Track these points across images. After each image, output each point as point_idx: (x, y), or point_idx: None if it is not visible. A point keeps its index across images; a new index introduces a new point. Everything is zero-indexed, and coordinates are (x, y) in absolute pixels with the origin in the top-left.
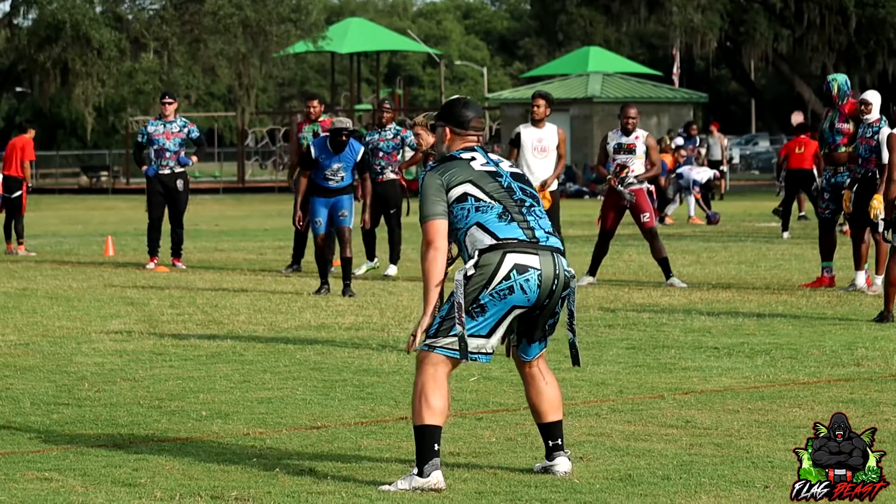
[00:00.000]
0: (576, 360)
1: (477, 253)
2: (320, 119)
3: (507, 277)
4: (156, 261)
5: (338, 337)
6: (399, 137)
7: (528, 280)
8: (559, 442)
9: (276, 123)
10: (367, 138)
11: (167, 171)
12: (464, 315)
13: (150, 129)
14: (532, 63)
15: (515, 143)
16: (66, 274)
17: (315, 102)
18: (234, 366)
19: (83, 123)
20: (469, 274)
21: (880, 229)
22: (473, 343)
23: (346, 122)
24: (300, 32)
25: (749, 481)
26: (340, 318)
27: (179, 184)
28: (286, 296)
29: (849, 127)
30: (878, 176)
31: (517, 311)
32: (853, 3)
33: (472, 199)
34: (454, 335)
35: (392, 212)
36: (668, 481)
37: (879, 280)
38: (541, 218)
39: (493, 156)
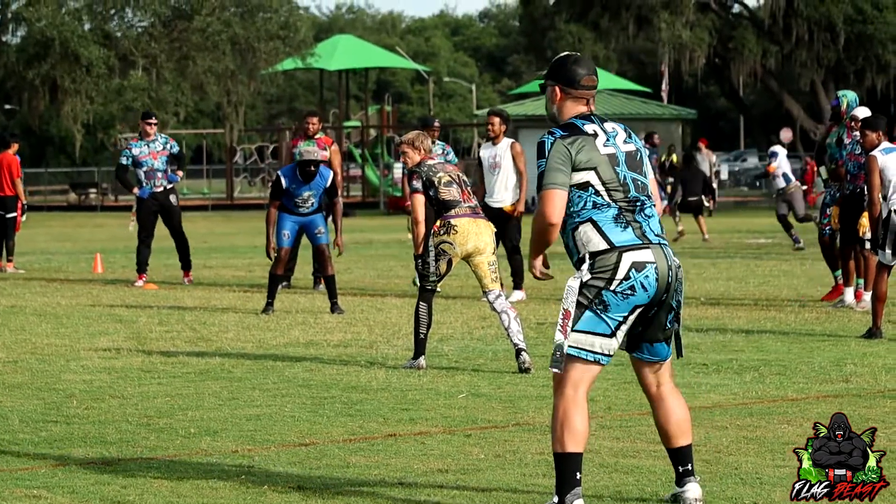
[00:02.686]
0: (679, 352)
1: (588, 256)
2: (317, 136)
3: (626, 277)
4: (144, 278)
5: (326, 354)
6: (444, 151)
7: (647, 276)
8: (689, 467)
9: (265, 140)
10: None
11: (160, 189)
12: (569, 325)
13: (136, 150)
14: (520, 79)
15: (479, 162)
16: (55, 291)
17: (315, 119)
18: (223, 383)
19: (72, 140)
20: (585, 279)
21: (868, 245)
22: (598, 341)
23: (315, 153)
24: (289, 49)
25: (737, 498)
26: (329, 335)
27: (173, 198)
28: (275, 313)
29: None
30: (865, 192)
31: (638, 311)
32: (841, 20)
33: (593, 190)
34: (582, 331)
35: None
36: (657, 498)
37: (868, 296)
38: (650, 218)
39: (608, 125)
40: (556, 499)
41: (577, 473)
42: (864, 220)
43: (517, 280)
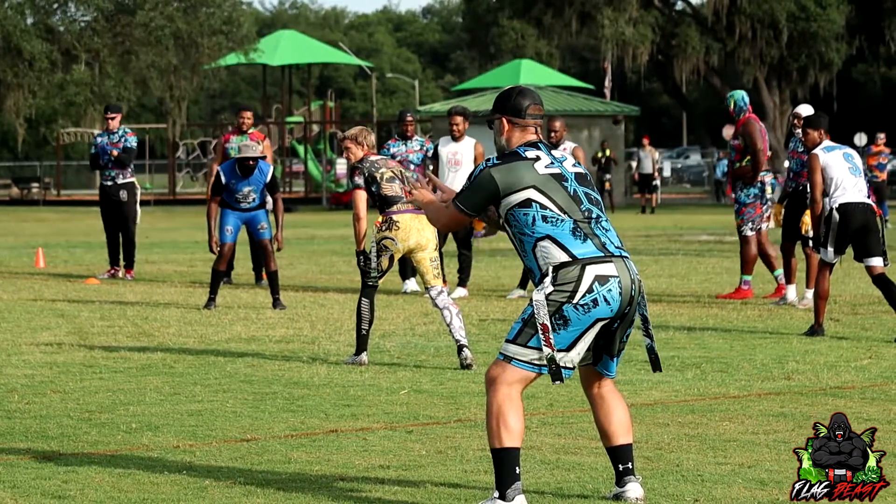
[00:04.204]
0: (656, 366)
1: (551, 269)
2: (250, 131)
3: (589, 290)
4: (112, 271)
5: (268, 349)
6: (424, 149)
7: (610, 290)
8: (630, 466)
9: (208, 135)
10: (394, 150)
11: (110, 183)
12: (552, 336)
13: (99, 140)
14: (464, 76)
15: (434, 156)
16: None
17: (248, 114)
18: (165, 378)
19: (14, 135)
20: (548, 293)
21: (810, 243)
22: (553, 356)
23: (254, 148)
24: (231, 44)
25: (679, 495)
26: (271, 330)
27: (123, 194)
28: (217, 308)
29: (738, 142)
30: (808, 190)
31: (600, 324)
32: (785, 17)
33: (538, 206)
34: (534, 347)
35: None
36: (598, 494)
37: (810, 294)
38: (608, 231)
39: (556, 153)
40: (496, 494)
41: (517, 468)
42: (807, 218)
43: (462, 277)
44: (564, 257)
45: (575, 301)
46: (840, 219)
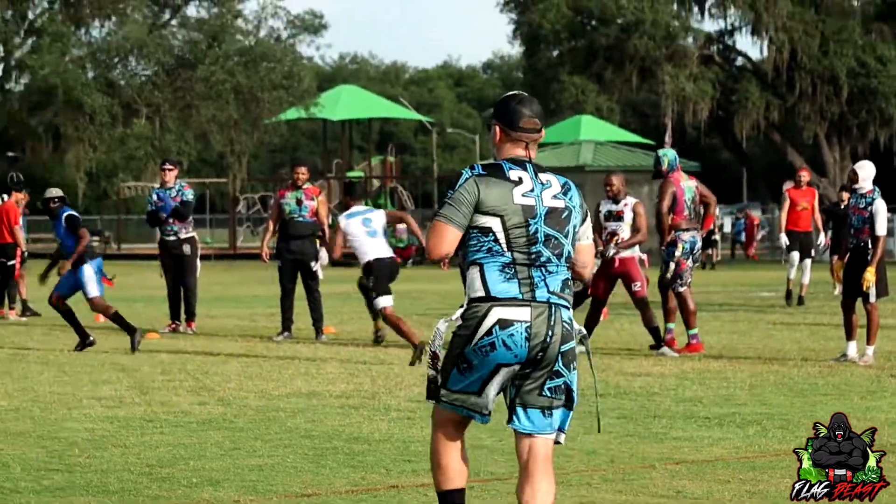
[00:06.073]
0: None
1: (467, 301)
2: (305, 186)
3: (488, 333)
4: (172, 326)
5: (328, 404)
6: None
7: (512, 335)
8: None
9: (268, 190)
10: None
11: (172, 237)
12: (439, 363)
13: (154, 197)
14: None
15: None
16: (57, 339)
17: (303, 169)
18: (225, 433)
19: (75, 189)
20: (456, 327)
21: (871, 300)
22: (470, 400)
23: (54, 191)
24: (292, 99)
25: None
26: (331, 385)
27: (186, 248)
28: (277, 362)
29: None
30: (869, 247)
31: (505, 370)
32: (845, 73)
33: (493, 237)
34: (455, 390)
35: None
36: None
37: (870, 350)
38: (550, 274)
39: (543, 176)
40: None
41: None
42: (868, 275)
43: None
44: (481, 292)
45: (473, 343)
46: None
